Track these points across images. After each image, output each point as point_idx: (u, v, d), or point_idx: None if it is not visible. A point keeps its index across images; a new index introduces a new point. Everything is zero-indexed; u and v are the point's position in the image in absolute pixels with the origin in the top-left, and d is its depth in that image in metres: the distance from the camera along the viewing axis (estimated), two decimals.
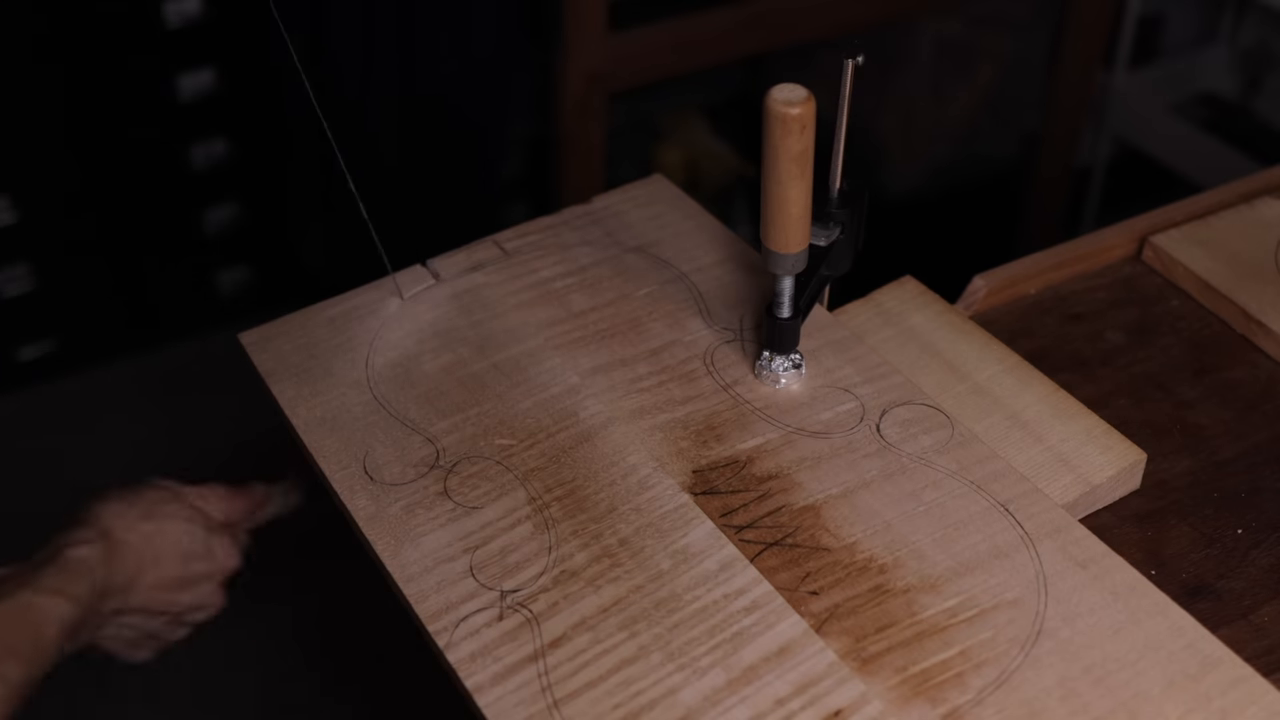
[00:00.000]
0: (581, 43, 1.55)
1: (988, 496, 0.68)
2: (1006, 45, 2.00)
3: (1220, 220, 0.91)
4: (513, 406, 0.74)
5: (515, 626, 0.62)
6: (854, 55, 0.69)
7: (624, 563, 0.65)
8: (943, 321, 0.81)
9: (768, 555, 0.65)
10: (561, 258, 0.85)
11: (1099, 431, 0.73)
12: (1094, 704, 0.58)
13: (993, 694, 0.59)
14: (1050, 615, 0.62)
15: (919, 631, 0.61)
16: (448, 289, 0.82)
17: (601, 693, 0.59)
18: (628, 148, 1.91)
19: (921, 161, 2.04)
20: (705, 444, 0.71)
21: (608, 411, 0.73)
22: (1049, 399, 0.75)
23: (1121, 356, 0.83)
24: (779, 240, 0.69)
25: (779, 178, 0.66)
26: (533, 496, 0.69)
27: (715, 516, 0.67)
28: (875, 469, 0.70)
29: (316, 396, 0.75)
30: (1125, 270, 0.90)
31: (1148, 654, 0.60)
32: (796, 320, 0.73)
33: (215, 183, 1.86)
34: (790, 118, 0.64)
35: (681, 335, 0.79)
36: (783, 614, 0.62)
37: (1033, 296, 0.88)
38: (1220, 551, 0.71)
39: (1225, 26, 2.24)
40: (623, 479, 0.69)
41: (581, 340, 0.78)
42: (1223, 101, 2.23)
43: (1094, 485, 0.71)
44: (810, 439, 0.71)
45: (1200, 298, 0.87)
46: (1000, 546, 0.65)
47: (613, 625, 0.62)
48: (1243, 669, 0.59)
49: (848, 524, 0.67)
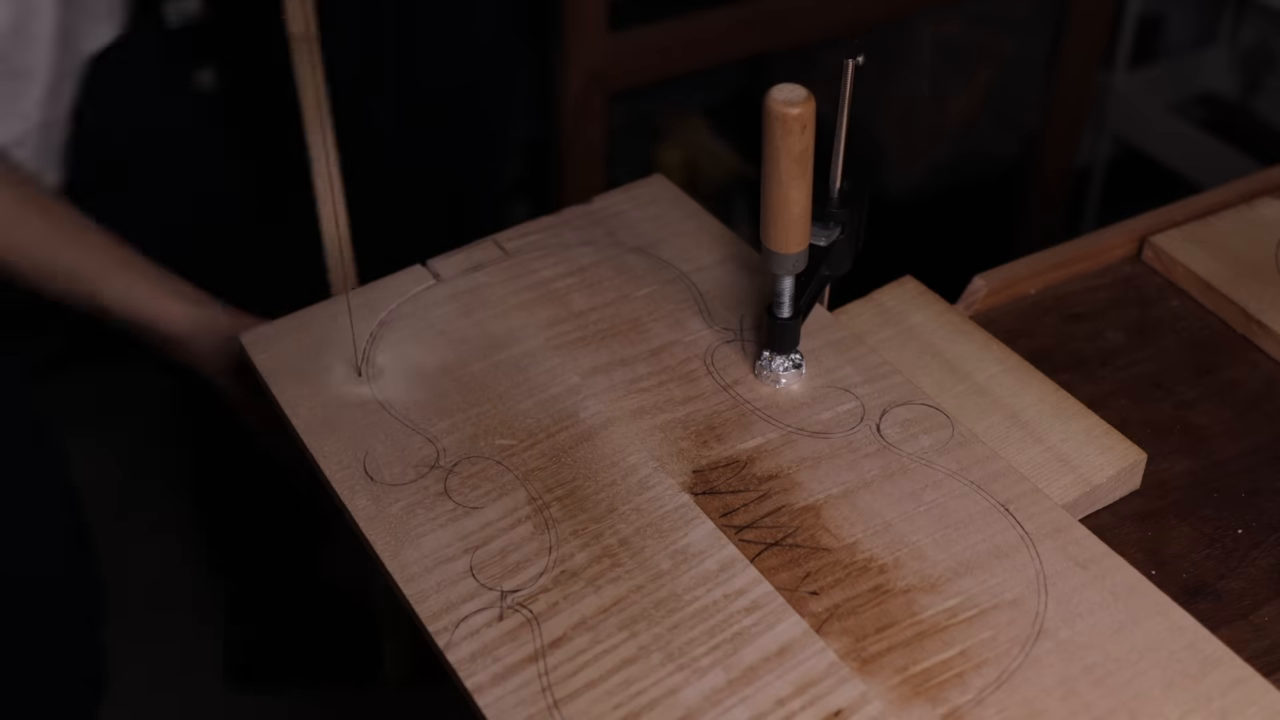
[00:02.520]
0: (581, 43, 1.55)
1: (988, 496, 0.68)
2: (1006, 45, 2.00)
3: (1220, 220, 0.91)
4: (513, 406, 0.74)
5: (515, 626, 0.62)
6: (854, 55, 0.69)
7: (624, 563, 0.65)
8: (943, 321, 0.81)
9: (768, 555, 0.65)
10: (562, 258, 0.85)
11: (1099, 431, 0.73)
12: (1094, 704, 0.58)
13: (993, 694, 0.59)
14: (1050, 615, 0.62)
15: (919, 631, 0.61)
16: (448, 289, 0.82)
17: (601, 693, 0.59)
18: (628, 148, 1.91)
19: (921, 161, 2.05)
20: (705, 444, 0.71)
21: (608, 411, 0.73)
22: (1049, 399, 0.75)
23: (1121, 356, 0.83)
24: (779, 240, 0.69)
25: (779, 178, 0.66)
26: (533, 496, 0.69)
27: (715, 516, 0.67)
28: (875, 469, 0.70)
29: (316, 396, 0.75)
30: (1125, 270, 0.90)
31: (1148, 654, 0.60)
32: (796, 320, 0.73)
33: None
34: (790, 118, 0.64)
35: (682, 335, 0.79)
36: (783, 614, 0.62)
37: (1033, 296, 0.88)
38: (1220, 551, 0.71)
39: (1225, 26, 2.25)
40: (623, 479, 0.69)
41: (582, 340, 0.78)
42: (1223, 101, 2.23)
43: (1094, 485, 0.71)
44: (810, 439, 0.72)
45: (1200, 298, 0.87)
46: (1000, 546, 0.65)
47: (613, 625, 0.62)
48: (1243, 669, 0.59)
49: (848, 524, 0.67)
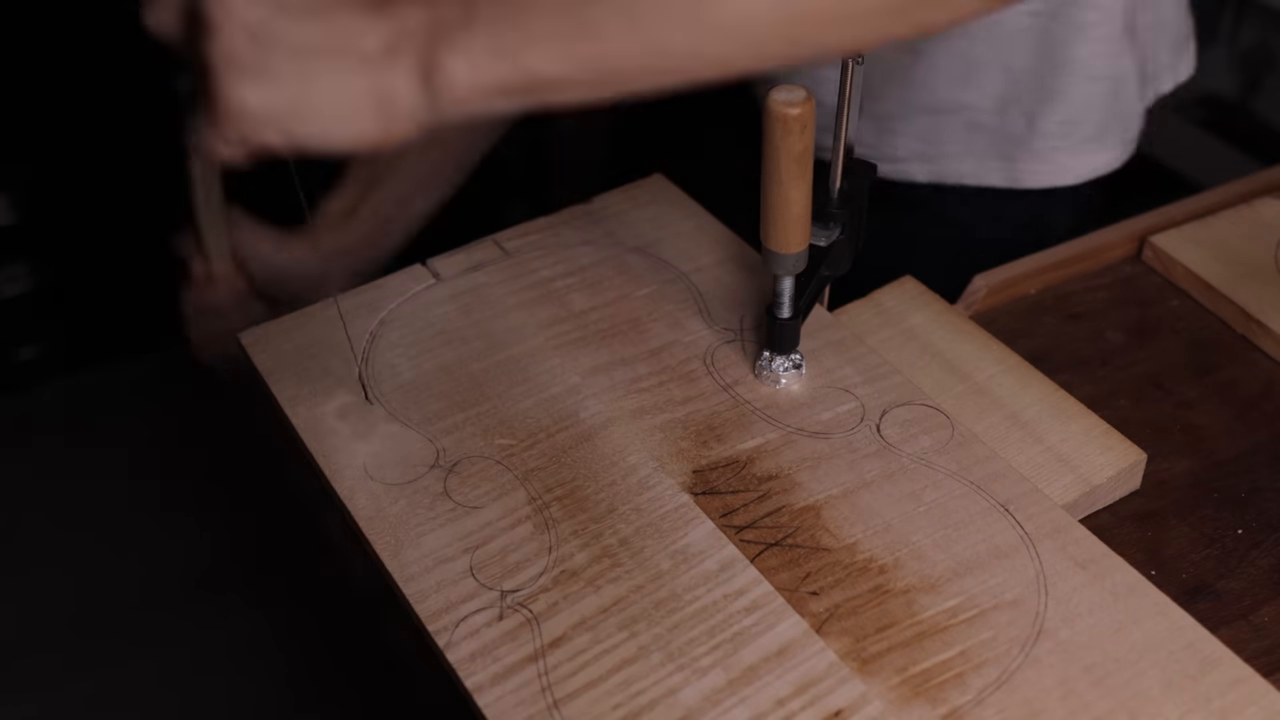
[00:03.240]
0: None
1: (988, 497, 0.68)
2: None
3: (1220, 220, 0.91)
4: (513, 406, 0.74)
5: (515, 626, 0.62)
6: (854, 55, 0.69)
7: (624, 563, 0.65)
8: (943, 321, 0.81)
9: (768, 555, 0.65)
10: (561, 258, 0.85)
11: (1099, 431, 0.73)
12: (1094, 704, 0.58)
13: (993, 694, 0.59)
14: (1050, 615, 0.62)
15: (919, 632, 0.61)
16: (448, 289, 0.82)
17: (601, 693, 0.59)
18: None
19: None
20: (705, 444, 0.71)
21: (608, 411, 0.73)
22: (1049, 399, 0.75)
23: (1121, 356, 0.83)
24: (779, 240, 0.69)
25: (779, 178, 0.66)
26: (533, 496, 0.69)
27: (715, 516, 0.67)
28: (875, 469, 0.70)
29: (316, 396, 0.75)
30: (1125, 270, 0.90)
31: (1148, 654, 0.60)
32: (796, 320, 0.73)
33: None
34: (790, 118, 0.64)
35: (681, 335, 0.79)
36: (783, 614, 0.62)
37: (1033, 296, 0.88)
38: (1220, 551, 0.71)
39: (1225, 26, 2.24)
40: (623, 479, 0.69)
41: (581, 340, 0.78)
42: (1223, 101, 2.23)
43: (1094, 485, 0.71)
44: (810, 439, 0.71)
45: (1200, 298, 0.87)
46: (1000, 547, 0.65)
47: (613, 625, 0.62)
48: (1243, 669, 0.59)
49: (848, 524, 0.67)
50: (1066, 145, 0.96)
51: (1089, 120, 0.96)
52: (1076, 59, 0.93)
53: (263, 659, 1.64)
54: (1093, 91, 0.94)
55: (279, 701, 1.61)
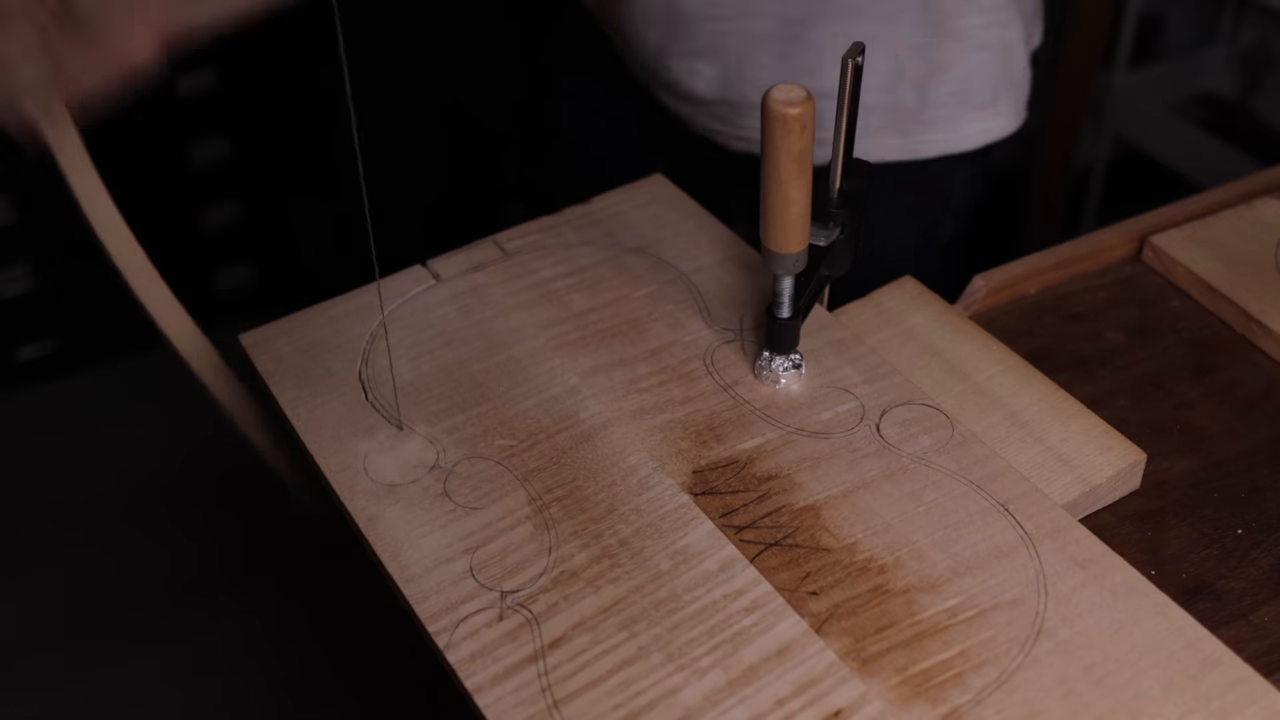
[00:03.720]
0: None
1: (988, 496, 0.68)
2: None
3: (1220, 220, 0.91)
4: (513, 407, 0.74)
5: (515, 627, 0.62)
6: (854, 55, 0.69)
7: (624, 563, 0.65)
8: (942, 321, 0.81)
9: (768, 555, 0.65)
10: (561, 258, 0.85)
11: (1099, 431, 0.73)
12: (1094, 704, 0.58)
13: (993, 694, 0.59)
14: (1050, 615, 0.62)
15: (919, 632, 0.61)
16: (448, 289, 0.82)
17: (601, 693, 0.59)
18: None
19: None
20: (705, 444, 0.71)
21: (608, 412, 0.73)
22: (1049, 399, 0.75)
23: (1121, 356, 0.83)
24: (779, 240, 0.69)
25: (779, 178, 0.66)
26: (533, 497, 0.69)
27: (715, 517, 0.67)
28: (875, 469, 0.70)
29: (316, 397, 0.75)
30: (1125, 270, 0.90)
31: (1148, 654, 0.60)
32: (796, 320, 0.73)
33: (215, 183, 1.86)
34: (790, 118, 0.64)
35: (681, 335, 0.79)
36: (783, 614, 0.62)
37: (1033, 296, 0.88)
38: (1220, 551, 0.71)
39: (1225, 26, 2.25)
40: (623, 479, 0.69)
41: (581, 340, 0.78)
42: (1223, 101, 2.23)
43: (1094, 485, 0.71)
44: (810, 439, 0.72)
45: (1200, 298, 0.87)
46: (1000, 546, 0.65)
47: (613, 625, 0.62)
48: (1243, 669, 0.59)
49: (848, 524, 0.67)
50: (960, 114, 0.97)
51: (981, 89, 0.97)
52: (965, 29, 0.93)
53: (264, 658, 1.64)
54: (983, 60, 0.95)
55: (283, 696, 1.61)
